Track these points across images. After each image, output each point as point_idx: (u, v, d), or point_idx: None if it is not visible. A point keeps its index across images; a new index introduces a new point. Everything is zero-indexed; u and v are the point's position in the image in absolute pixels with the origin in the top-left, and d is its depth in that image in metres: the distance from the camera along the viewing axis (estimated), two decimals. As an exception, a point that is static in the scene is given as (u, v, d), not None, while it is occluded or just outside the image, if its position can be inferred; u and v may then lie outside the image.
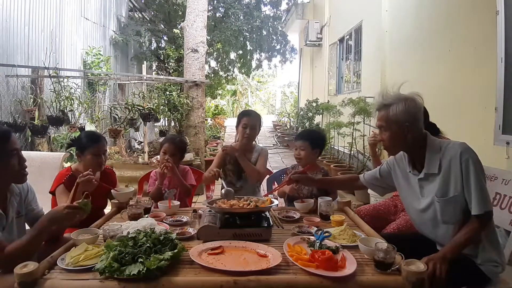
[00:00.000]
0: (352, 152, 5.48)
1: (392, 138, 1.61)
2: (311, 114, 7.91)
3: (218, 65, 11.08)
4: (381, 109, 1.63)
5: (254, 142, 2.66)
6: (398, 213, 2.32)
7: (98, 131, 4.90)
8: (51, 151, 4.39)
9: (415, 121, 1.58)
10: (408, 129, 1.57)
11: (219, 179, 2.38)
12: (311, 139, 2.35)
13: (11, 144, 1.50)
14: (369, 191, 3.97)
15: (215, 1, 9.76)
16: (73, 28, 6.04)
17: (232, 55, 11.07)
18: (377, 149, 2.51)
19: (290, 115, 13.28)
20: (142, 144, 6.75)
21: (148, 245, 1.32)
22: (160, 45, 9.85)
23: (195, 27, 6.07)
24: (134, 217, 1.83)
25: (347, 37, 7.54)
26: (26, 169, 1.58)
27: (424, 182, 1.63)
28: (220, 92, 12.77)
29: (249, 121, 2.52)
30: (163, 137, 2.70)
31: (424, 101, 1.64)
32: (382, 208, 2.33)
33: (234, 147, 2.51)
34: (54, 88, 4.51)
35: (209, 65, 11.23)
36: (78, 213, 1.50)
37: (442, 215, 1.57)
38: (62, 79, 4.71)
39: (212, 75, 11.15)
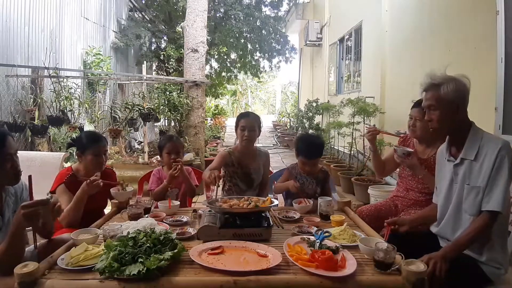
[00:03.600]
0: (352, 152, 5.48)
1: (442, 117, 1.59)
2: (311, 114, 7.92)
3: (219, 65, 11.10)
4: (430, 89, 1.62)
5: (255, 145, 2.63)
6: (399, 213, 2.32)
7: (97, 131, 4.90)
8: (51, 151, 4.39)
9: (464, 102, 1.59)
10: (458, 108, 1.57)
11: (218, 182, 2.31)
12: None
13: (6, 149, 1.50)
14: (369, 190, 3.97)
15: (216, 2, 9.74)
16: (73, 28, 6.04)
17: (233, 55, 11.09)
18: (376, 144, 2.47)
19: (290, 115, 13.29)
20: (142, 144, 6.74)
21: (148, 245, 1.32)
22: (160, 45, 9.85)
23: (195, 27, 6.07)
24: (134, 217, 1.83)
25: (347, 37, 7.54)
26: (21, 171, 1.57)
27: (458, 168, 1.62)
28: (220, 91, 12.79)
29: (247, 123, 2.47)
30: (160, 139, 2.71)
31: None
32: (383, 208, 2.32)
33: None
34: (54, 88, 4.51)
35: (211, 66, 11.25)
36: (37, 211, 1.38)
37: (465, 203, 1.57)
38: (62, 79, 4.71)
39: (214, 76, 11.17)
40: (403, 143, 2.40)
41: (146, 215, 1.91)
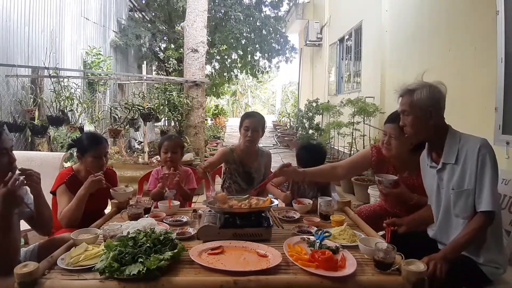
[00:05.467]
0: (352, 152, 5.48)
1: (414, 122, 1.61)
2: (311, 114, 7.92)
3: (220, 65, 11.10)
4: (405, 94, 1.64)
5: (257, 145, 2.62)
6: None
7: (97, 131, 4.90)
8: (51, 151, 4.39)
9: (438, 108, 1.60)
10: (431, 114, 1.58)
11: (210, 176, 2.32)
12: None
13: (1, 143, 1.50)
14: (369, 190, 3.98)
15: (216, 3, 9.73)
16: (73, 28, 6.05)
17: (234, 55, 11.10)
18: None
19: (290, 115, 13.29)
20: (142, 144, 6.74)
21: (148, 245, 1.32)
22: (160, 45, 9.85)
23: (195, 27, 6.08)
24: (134, 217, 1.83)
25: (347, 37, 7.54)
26: (16, 170, 1.56)
27: (442, 173, 1.63)
28: (220, 91, 12.80)
29: (252, 123, 2.47)
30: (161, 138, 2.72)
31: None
32: (384, 208, 2.32)
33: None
34: (54, 88, 4.51)
35: (213, 66, 11.25)
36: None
37: (454, 208, 1.57)
38: (62, 79, 4.71)
39: (215, 75, 11.17)
40: (377, 154, 2.10)
41: (146, 215, 1.91)
